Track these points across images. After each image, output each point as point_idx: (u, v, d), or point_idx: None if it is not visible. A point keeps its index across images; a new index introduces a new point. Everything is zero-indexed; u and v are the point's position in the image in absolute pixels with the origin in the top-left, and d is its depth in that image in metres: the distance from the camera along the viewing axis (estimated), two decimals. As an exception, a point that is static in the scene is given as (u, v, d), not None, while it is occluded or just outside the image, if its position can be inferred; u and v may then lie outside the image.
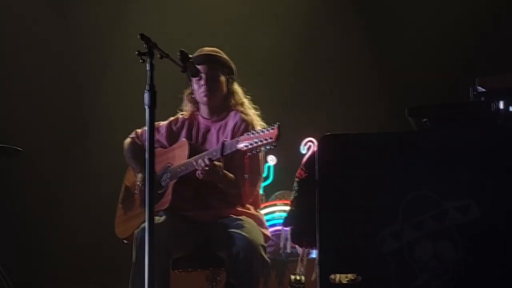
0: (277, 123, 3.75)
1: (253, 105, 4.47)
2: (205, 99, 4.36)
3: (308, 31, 7.01)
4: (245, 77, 4.53)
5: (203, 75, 4.31)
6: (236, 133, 4.23)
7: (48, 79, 6.86)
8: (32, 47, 6.83)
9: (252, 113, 4.39)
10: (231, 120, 4.35)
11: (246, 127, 4.24)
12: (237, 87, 4.46)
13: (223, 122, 4.39)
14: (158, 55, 3.42)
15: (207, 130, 4.42)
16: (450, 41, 6.67)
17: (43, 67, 6.82)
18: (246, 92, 4.49)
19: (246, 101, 4.45)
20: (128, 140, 4.60)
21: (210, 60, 4.36)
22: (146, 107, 3.36)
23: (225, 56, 4.44)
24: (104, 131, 6.66)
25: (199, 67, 4.26)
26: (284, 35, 7.00)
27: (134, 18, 6.84)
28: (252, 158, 4.19)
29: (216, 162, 4.05)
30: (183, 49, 3.65)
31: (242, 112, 4.37)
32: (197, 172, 4.06)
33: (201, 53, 4.39)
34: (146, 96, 3.35)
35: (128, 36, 4.41)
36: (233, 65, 4.45)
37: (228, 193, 4.22)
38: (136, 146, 4.54)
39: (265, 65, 6.86)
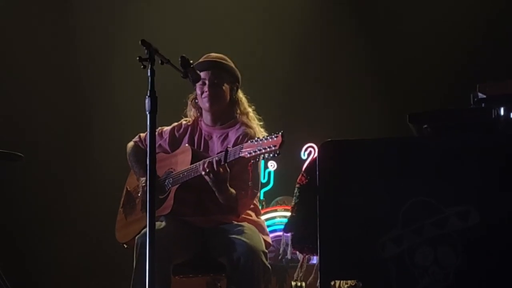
0: (281, 131, 3.75)
1: (257, 116, 4.46)
2: (207, 105, 4.36)
3: (308, 36, 7.02)
4: (245, 83, 4.53)
5: (206, 81, 4.32)
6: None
7: (50, 83, 6.86)
8: (34, 51, 6.83)
9: (256, 125, 4.38)
10: (234, 132, 4.34)
11: (248, 141, 4.20)
12: (241, 96, 4.45)
13: (225, 131, 4.38)
14: (159, 61, 3.43)
15: (209, 137, 4.42)
16: (451, 46, 6.67)
17: (45, 71, 6.83)
18: (250, 101, 4.49)
19: (250, 111, 4.44)
20: (131, 144, 4.61)
21: (215, 66, 4.36)
22: (147, 113, 3.37)
23: (231, 64, 4.43)
24: (107, 135, 6.66)
25: (203, 72, 4.26)
26: (283, 40, 7.01)
27: (137, 23, 6.85)
28: (253, 171, 4.20)
29: (222, 169, 4.03)
30: (184, 55, 3.66)
31: (246, 124, 4.35)
32: (209, 175, 4.04)
33: (206, 59, 4.40)
34: (147, 102, 3.36)
35: (131, 41, 4.42)
36: (238, 74, 4.45)
37: (224, 205, 4.21)
38: (139, 150, 4.55)
39: (265, 71, 6.87)
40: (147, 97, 3.37)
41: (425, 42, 6.77)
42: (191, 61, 3.69)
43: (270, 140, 3.76)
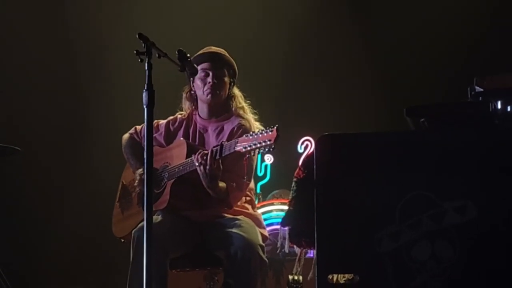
0: (276, 125, 3.74)
1: (253, 110, 4.45)
2: (209, 96, 4.34)
3: (305, 30, 7.01)
4: (242, 75, 4.52)
5: (209, 72, 4.30)
6: (232, 139, 4.19)
7: (46, 77, 6.85)
8: (31, 46, 6.82)
9: (251, 118, 4.37)
10: (229, 125, 4.33)
11: (242, 133, 4.18)
12: (237, 91, 4.45)
13: (220, 124, 4.37)
14: (156, 54, 3.42)
15: (204, 131, 4.42)
16: (448, 40, 6.67)
17: (41, 66, 6.82)
18: (245, 96, 4.48)
19: (246, 106, 4.44)
20: (126, 136, 4.60)
21: (217, 58, 4.36)
22: (144, 106, 3.37)
23: (230, 58, 4.43)
24: (103, 130, 6.65)
25: (205, 64, 4.28)
26: (280, 34, 7.00)
27: (134, 17, 6.84)
28: (248, 163, 4.20)
29: (215, 164, 4.01)
30: (181, 48, 3.65)
31: (241, 116, 4.35)
32: (200, 167, 4.03)
33: (208, 50, 4.39)
34: (144, 95, 3.36)
35: (128, 34, 4.42)
36: (236, 69, 4.44)
37: (214, 198, 4.20)
38: (135, 142, 4.54)
39: (261, 64, 6.86)
40: (144, 90, 3.36)
41: (423, 36, 6.77)
42: (188, 55, 3.68)
43: (265, 134, 3.75)
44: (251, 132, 3.89)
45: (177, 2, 7.04)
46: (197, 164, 4.01)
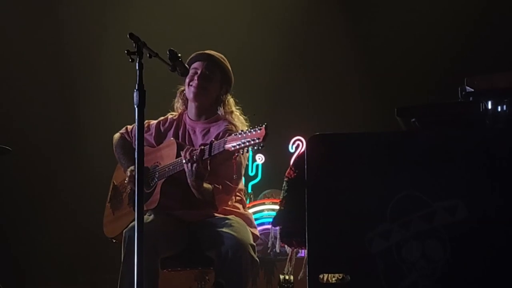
0: (264, 123, 3.74)
1: (244, 116, 4.44)
2: (192, 95, 4.35)
3: (296, 30, 7.03)
4: (234, 76, 4.51)
5: (198, 71, 4.31)
6: None
7: (39, 78, 6.85)
8: (23, 47, 6.82)
9: (240, 123, 4.36)
10: (216, 128, 4.32)
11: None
12: (229, 98, 4.44)
13: (207, 126, 4.36)
14: (147, 54, 3.41)
15: (193, 132, 4.41)
16: (439, 40, 6.69)
17: (33, 66, 6.81)
18: (236, 102, 4.47)
19: (236, 111, 4.42)
20: (117, 135, 4.59)
21: (210, 60, 4.36)
22: (135, 106, 3.36)
23: (227, 65, 4.42)
24: (94, 130, 6.65)
25: (198, 63, 4.31)
26: (271, 34, 7.01)
27: (125, 17, 6.84)
28: (238, 162, 4.19)
29: (203, 164, 4.00)
30: (172, 48, 3.64)
31: (228, 121, 4.34)
32: (187, 164, 4.01)
33: (205, 51, 4.40)
34: (135, 95, 3.35)
35: (119, 35, 4.41)
36: (231, 76, 4.43)
37: (200, 199, 4.19)
38: (126, 142, 4.54)
39: (253, 64, 6.87)
40: (135, 90, 3.35)
41: (413, 36, 6.79)
42: (179, 55, 3.68)
43: (254, 132, 3.74)
44: (240, 131, 3.89)
45: (168, 3, 7.04)
46: (184, 161, 4.00)
